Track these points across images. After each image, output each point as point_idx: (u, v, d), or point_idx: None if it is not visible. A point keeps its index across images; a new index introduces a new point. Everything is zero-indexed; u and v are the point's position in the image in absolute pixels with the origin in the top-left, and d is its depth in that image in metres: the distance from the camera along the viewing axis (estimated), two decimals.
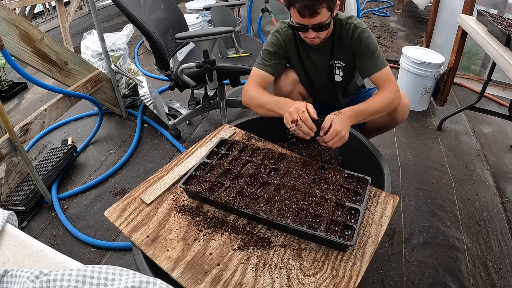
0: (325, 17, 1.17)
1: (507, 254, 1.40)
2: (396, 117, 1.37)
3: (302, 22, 1.19)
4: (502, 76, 2.51)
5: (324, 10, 1.15)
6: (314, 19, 1.16)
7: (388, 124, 1.44)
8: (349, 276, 0.81)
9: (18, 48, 1.62)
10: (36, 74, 2.20)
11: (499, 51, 1.39)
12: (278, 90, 1.46)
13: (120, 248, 1.46)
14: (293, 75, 1.45)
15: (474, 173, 1.82)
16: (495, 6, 2.39)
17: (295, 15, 1.18)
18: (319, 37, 1.25)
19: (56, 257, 0.69)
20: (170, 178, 1.10)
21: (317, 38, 1.25)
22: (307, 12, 1.14)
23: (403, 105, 1.34)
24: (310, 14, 1.14)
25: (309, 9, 1.13)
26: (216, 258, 0.86)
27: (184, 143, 2.09)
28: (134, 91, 2.38)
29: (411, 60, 2.20)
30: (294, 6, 1.16)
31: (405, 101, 1.35)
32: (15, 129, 1.52)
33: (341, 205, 0.95)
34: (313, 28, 1.19)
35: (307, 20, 1.17)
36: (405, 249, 1.42)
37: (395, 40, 3.62)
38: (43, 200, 1.69)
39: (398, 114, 1.35)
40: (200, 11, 3.16)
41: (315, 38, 1.24)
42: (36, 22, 4.34)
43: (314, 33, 1.21)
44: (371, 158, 1.22)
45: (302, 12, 1.15)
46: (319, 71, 1.43)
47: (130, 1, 1.63)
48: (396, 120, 1.39)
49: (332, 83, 1.45)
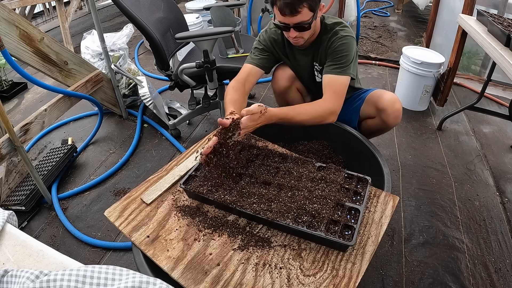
0: (307, 17, 1.18)
1: (507, 254, 1.40)
2: (388, 122, 1.36)
3: (284, 21, 1.20)
4: (502, 76, 2.51)
5: (305, 10, 1.16)
6: (295, 18, 1.17)
7: (380, 129, 1.44)
8: (349, 276, 0.81)
9: (18, 48, 1.62)
10: (36, 74, 2.20)
11: (499, 51, 1.39)
12: (276, 86, 1.48)
13: (120, 248, 1.45)
14: (290, 71, 1.46)
15: (474, 173, 1.82)
16: (495, 6, 2.39)
17: (277, 14, 1.20)
18: (302, 37, 1.26)
19: (56, 257, 0.69)
20: (170, 178, 1.10)
21: (300, 38, 1.25)
22: (288, 10, 1.16)
23: (395, 110, 1.33)
24: (290, 13, 1.16)
25: (290, 7, 1.15)
26: (216, 258, 0.86)
27: (184, 143, 2.09)
28: (134, 91, 2.38)
29: (411, 60, 2.20)
30: (276, 5, 1.18)
31: (397, 106, 1.33)
32: (15, 129, 1.52)
33: (341, 205, 0.95)
34: (294, 27, 1.21)
35: (288, 18, 1.18)
36: (405, 249, 1.42)
37: (395, 40, 3.62)
38: (43, 200, 1.69)
39: (390, 119, 1.34)
40: (200, 11, 3.16)
41: (298, 38, 1.25)
42: (36, 22, 4.34)
43: (296, 32, 1.23)
44: (371, 158, 1.22)
45: (283, 10, 1.17)
46: (304, 71, 1.45)
47: (130, 1, 1.63)
48: (388, 125, 1.38)
49: (315, 83, 1.47)
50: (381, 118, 1.35)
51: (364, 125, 1.48)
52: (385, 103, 1.33)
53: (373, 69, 2.95)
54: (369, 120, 1.44)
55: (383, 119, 1.35)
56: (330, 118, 1.25)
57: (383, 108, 1.33)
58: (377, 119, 1.38)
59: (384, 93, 1.37)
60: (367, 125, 1.46)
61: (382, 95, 1.36)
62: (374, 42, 3.53)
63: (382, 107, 1.33)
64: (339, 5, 3.05)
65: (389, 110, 1.32)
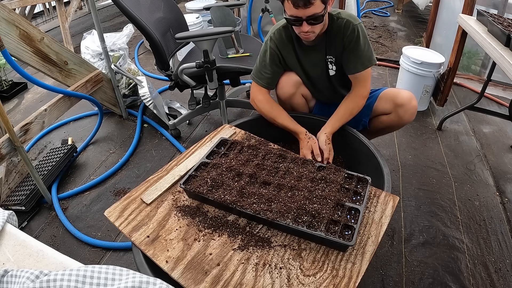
0: (319, 9, 1.17)
1: (507, 254, 1.40)
2: (404, 118, 1.39)
3: (296, 14, 1.19)
4: (502, 76, 2.51)
5: (318, 1, 1.16)
6: (308, 10, 1.16)
7: (395, 124, 1.45)
8: (349, 276, 0.81)
9: (18, 48, 1.62)
10: (36, 74, 2.19)
11: (499, 51, 1.39)
12: (281, 92, 1.46)
13: (120, 248, 1.45)
14: (295, 77, 1.45)
15: (474, 173, 1.82)
16: (495, 6, 2.39)
17: (289, 7, 1.19)
18: (313, 32, 1.25)
19: (56, 257, 0.69)
20: (170, 178, 1.10)
21: (311, 32, 1.25)
22: (302, 2, 1.15)
23: (411, 107, 1.36)
24: (304, 5, 1.15)
25: None
26: (216, 258, 0.86)
27: (184, 143, 2.09)
28: (134, 91, 2.38)
29: (411, 60, 2.20)
30: None
31: (414, 103, 1.37)
32: (15, 129, 1.52)
33: (341, 205, 0.95)
34: (307, 20, 1.20)
35: (301, 11, 1.17)
36: (405, 249, 1.42)
37: (395, 40, 3.62)
38: (43, 200, 1.69)
39: (406, 115, 1.38)
40: (200, 11, 3.16)
41: (310, 33, 1.25)
42: (36, 22, 4.34)
43: (308, 26, 1.21)
44: (371, 158, 1.22)
45: (296, 3, 1.16)
46: (317, 68, 1.44)
47: (130, 1, 1.63)
48: (404, 121, 1.41)
49: (329, 78, 1.46)
50: (398, 114, 1.38)
51: (375, 122, 1.49)
52: (403, 99, 1.37)
53: (373, 69, 2.95)
54: (382, 116, 1.45)
55: (400, 115, 1.38)
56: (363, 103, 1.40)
57: (401, 104, 1.36)
58: (392, 115, 1.41)
59: (400, 90, 1.42)
60: (379, 121, 1.47)
61: (399, 92, 1.40)
62: (374, 42, 3.53)
63: (400, 103, 1.37)
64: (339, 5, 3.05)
65: (407, 106, 1.36)
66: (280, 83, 1.46)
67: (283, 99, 1.49)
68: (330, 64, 1.41)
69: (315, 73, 1.45)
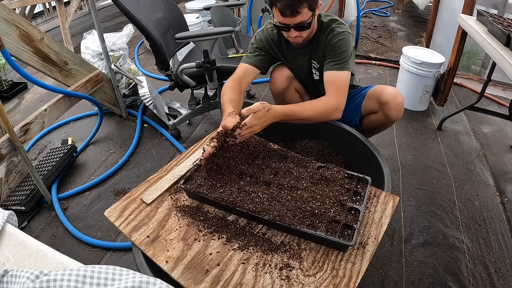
0: (306, 17, 1.19)
1: (507, 254, 1.40)
2: (391, 116, 1.37)
3: (284, 22, 1.21)
4: (502, 76, 2.51)
5: (305, 10, 1.17)
6: (295, 18, 1.18)
7: (383, 124, 1.44)
8: (349, 276, 0.81)
9: (18, 48, 1.62)
10: (36, 74, 2.19)
11: (499, 51, 1.39)
12: (274, 87, 1.48)
13: (120, 248, 1.45)
14: (288, 72, 1.46)
15: (474, 173, 1.82)
16: (495, 6, 2.39)
17: (277, 15, 1.20)
18: (301, 36, 1.26)
19: (56, 257, 0.69)
20: (170, 178, 1.10)
21: (299, 37, 1.26)
22: (288, 12, 1.16)
23: (397, 104, 1.34)
24: (291, 13, 1.16)
25: (290, 8, 1.15)
26: (216, 258, 0.85)
27: (184, 143, 2.09)
28: (134, 91, 2.38)
29: (411, 60, 2.20)
30: (276, 6, 1.18)
31: (399, 99, 1.34)
32: (15, 129, 1.52)
33: (341, 205, 0.95)
34: (294, 27, 1.21)
35: (288, 19, 1.19)
36: (405, 249, 1.42)
37: (395, 40, 3.62)
38: (43, 200, 1.69)
39: (392, 113, 1.35)
40: (200, 11, 3.16)
41: (297, 37, 1.26)
42: (36, 22, 4.34)
43: (296, 32, 1.23)
44: (371, 158, 1.22)
45: (283, 12, 1.17)
46: (302, 70, 1.45)
47: (130, 1, 1.63)
48: (391, 119, 1.38)
49: (313, 82, 1.47)
50: (384, 112, 1.36)
51: (366, 121, 1.48)
52: (387, 96, 1.34)
53: (373, 69, 2.95)
54: (371, 115, 1.44)
55: (386, 113, 1.36)
56: (335, 114, 1.25)
57: (385, 101, 1.34)
58: (379, 113, 1.39)
59: (385, 87, 1.39)
60: (369, 120, 1.46)
61: (383, 89, 1.38)
62: (374, 42, 3.53)
63: (384, 101, 1.35)
64: (339, 5, 3.05)
65: (391, 104, 1.33)
66: (273, 77, 1.47)
67: (276, 94, 1.50)
68: (313, 69, 1.43)
69: (301, 73, 1.48)
